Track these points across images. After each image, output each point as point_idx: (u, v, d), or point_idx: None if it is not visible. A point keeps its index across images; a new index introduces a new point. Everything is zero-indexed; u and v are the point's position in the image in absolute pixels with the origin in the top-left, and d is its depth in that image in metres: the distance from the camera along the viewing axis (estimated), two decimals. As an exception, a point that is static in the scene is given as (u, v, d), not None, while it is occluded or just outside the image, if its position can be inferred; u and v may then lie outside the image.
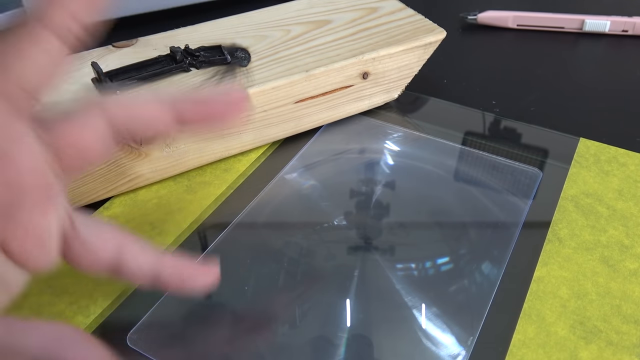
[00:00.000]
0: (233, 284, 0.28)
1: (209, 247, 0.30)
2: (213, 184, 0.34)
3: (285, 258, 0.30)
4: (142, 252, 0.24)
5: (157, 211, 0.32)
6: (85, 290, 0.28)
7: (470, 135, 0.38)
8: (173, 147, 0.32)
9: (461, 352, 0.25)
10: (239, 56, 0.35)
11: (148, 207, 0.32)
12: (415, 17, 0.39)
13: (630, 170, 0.34)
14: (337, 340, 0.26)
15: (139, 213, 0.32)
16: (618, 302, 0.27)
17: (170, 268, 0.24)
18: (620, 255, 0.29)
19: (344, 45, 0.36)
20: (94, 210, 0.32)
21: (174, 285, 0.25)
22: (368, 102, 0.38)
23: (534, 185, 0.34)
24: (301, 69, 0.34)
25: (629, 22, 0.49)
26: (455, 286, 0.28)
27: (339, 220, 0.32)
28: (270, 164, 0.36)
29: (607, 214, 0.32)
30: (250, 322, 0.27)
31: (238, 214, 0.32)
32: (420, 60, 0.38)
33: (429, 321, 0.27)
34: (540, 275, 0.28)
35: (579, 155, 0.35)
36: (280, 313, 0.27)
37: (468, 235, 0.31)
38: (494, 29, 0.51)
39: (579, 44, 0.49)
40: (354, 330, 0.26)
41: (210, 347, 0.26)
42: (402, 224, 0.32)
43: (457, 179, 0.35)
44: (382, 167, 0.35)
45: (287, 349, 0.26)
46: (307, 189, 0.34)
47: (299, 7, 0.41)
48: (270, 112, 0.34)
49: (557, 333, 0.26)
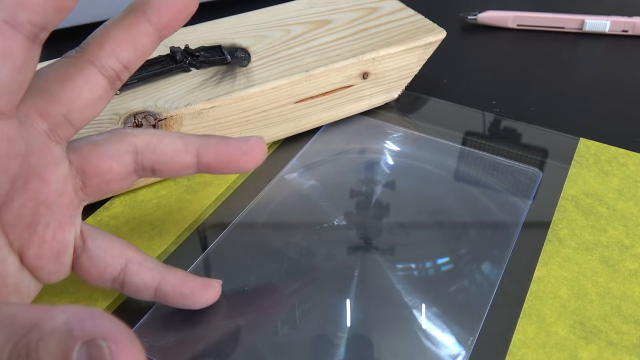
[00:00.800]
0: (233, 284, 0.28)
1: (209, 247, 0.30)
2: (213, 184, 0.34)
3: (285, 258, 0.30)
4: (147, 269, 0.25)
5: (157, 211, 0.32)
6: (85, 290, 0.28)
7: (470, 135, 0.38)
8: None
9: (461, 352, 0.25)
10: (239, 56, 0.35)
11: (148, 207, 0.32)
12: (415, 17, 0.39)
13: (630, 170, 0.34)
14: (337, 340, 0.26)
15: (139, 213, 0.32)
16: (618, 302, 0.27)
17: (173, 285, 0.25)
18: (620, 255, 0.29)
19: (344, 45, 0.36)
20: (94, 211, 0.32)
21: (175, 301, 0.26)
22: (368, 102, 0.38)
23: (534, 185, 0.34)
24: (301, 69, 0.34)
25: (629, 22, 0.49)
26: (455, 286, 0.28)
27: (339, 220, 0.32)
28: (270, 164, 0.36)
29: (607, 214, 0.32)
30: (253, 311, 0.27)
31: (238, 214, 0.32)
32: (420, 60, 0.38)
33: (429, 321, 0.27)
34: (540, 275, 0.28)
35: (579, 155, 0.35)
36: (280, 313, 0.27)
37: (468, 235, 0.31)
38: (494, 29, 0.51)
39: (579, 44, 0.49)
40: (354, 330, 0.26)
41: (210, 347, 0.26)
42: (402, 224, 0.32)
43: (457, 179, 0.35)
44: (382, 167, 0.35)
45: (287, 349, 0.26)
46: (307, 189, 0.34)
47: (299, 7, 0.41)
48: (270, 112, 0.34)
49: (557, 333, 0.26)
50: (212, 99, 0.32)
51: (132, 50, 0.22)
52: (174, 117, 0.31)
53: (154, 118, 0.31)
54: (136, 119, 0.30)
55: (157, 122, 0.31)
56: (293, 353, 0.25)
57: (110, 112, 0.31)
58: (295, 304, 0.27)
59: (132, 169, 0.24)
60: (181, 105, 0.31)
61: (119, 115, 0.30)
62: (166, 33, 0.23)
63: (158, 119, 0.31)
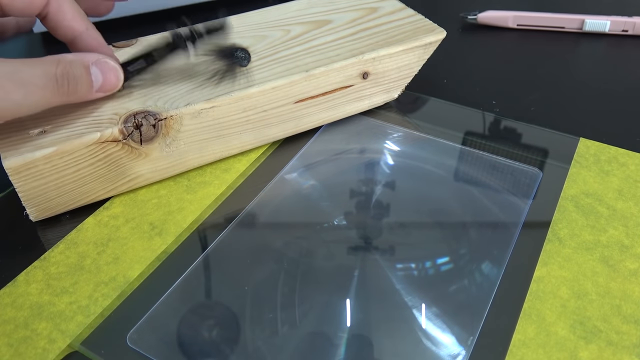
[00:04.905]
0: (233, 284, 0.28)
1: (209, 247, 0.30)
2: (213, 184, 0.34)
3: (285, 258, 0.30)
4: (74, 15, 0.31)
5: (157, 211, 0.32)
6: (85, 290, 0.28)
7: (470, 135, 0.38)
8: (173, 147, 0.32)
9: (461, 352, 0.25)
10: (239, 56, 0.35)
11: (148, 207, 0.32)
12: (415, 17, 0.39)
13: (630, 170, 0.34)
14: (337, 340, 0.26)
15: (139, 213, 0.32)
16: (618, 302, 0.27)
17: (89, 43, 0.31)
18: (620, 255, 0.29)
19: (344, 45, 0.36)
20: (94, 210, 0.32)
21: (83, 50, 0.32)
22: (368, 102, 0.38)
23: (534, 185, 0.34)
24: (301, 69, 0.34)
25: (629, 22, 0.49)
26: (455, 286, 0.28)
27: (339, 220, 0.32)
28: (270, 164, 0.36)
29: (607, 214, 0.32)
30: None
31: (238, 214, 0.32)
32: (420, 60, 0.38)
33: (429, 321, 0.27)
34: (540, 275, 0.28)
35: (579, 155, 0.35)
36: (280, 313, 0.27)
37: (468, 235, 0.31)
38: (494, 29, 0.51)
39: (579, 44, 0.49)
40: (354, 330, 0.26)
41: (210, 347, 0.26)
42: (402, 224, 0.32)
43: (457, 179, 0.35)
44: (382, 167, 0.35)
45: (287, 349, 0.26)
46: (307, 189, 0.34)
47: (299, 7, 0.41)
48: (270, 112, 0.34)
49: (557, 333, 0.26)
50: (212, 99, 0.32)
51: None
52: (174, 117, 0.31)
53: (154, 118, 0.31)
54: (136, 119, 0.30)
55: (157, 122, 0.31)
56: (293, 353, 0.25)
57: (111, 112, 0.31)
58: (295, 303, 0.27)
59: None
60: (181, 105, 0.31)
61: (119, 115, 0.30)
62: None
63: (158, 118, 0.31)
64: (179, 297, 0.28)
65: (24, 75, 0.27)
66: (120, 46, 0.36)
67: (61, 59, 0.28)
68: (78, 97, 0.30)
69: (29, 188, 0.29)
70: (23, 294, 0.28)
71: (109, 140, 0.30)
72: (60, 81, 0.28)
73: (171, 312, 0.27)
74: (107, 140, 0.30)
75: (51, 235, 0.31)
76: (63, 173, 0.30)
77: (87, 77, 0.30)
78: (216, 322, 0.27)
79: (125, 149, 0.31)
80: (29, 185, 0.29)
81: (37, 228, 0.32)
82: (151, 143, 0.31)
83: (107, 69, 0.31)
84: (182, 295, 0.28)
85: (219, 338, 0.26)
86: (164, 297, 0.28)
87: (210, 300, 0.28)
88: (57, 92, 0.28)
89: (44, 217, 0.31)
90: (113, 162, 0.31)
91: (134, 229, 0.31)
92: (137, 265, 0.29)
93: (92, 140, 0.29)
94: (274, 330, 0.26)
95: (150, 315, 0.27)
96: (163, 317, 0.27)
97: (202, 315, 0.27)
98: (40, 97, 0.27)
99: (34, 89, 0.27)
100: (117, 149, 0.30)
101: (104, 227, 0.31)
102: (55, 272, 0.29)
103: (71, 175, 0.30)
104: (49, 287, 0.28)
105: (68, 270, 0.29)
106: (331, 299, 0.28)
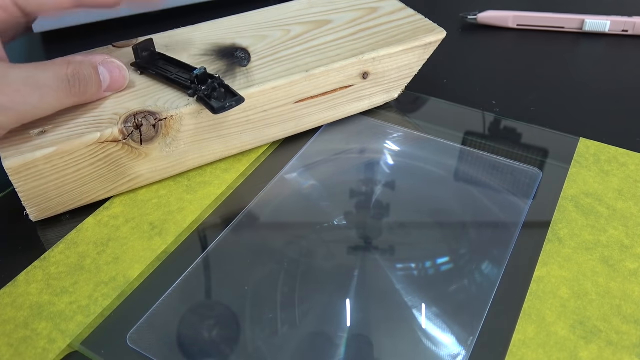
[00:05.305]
0: (233, 284, 0.28)
1: (209, 247, 0.30)
2: (213, 184, 0.34)
3: (285, 258, 0.30)
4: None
5: (157, 211, 0.32)
6: (86, 290, 0.28)
7: (470, 135, 0.38)
8: (173, 147, 0.32)
9: (461, 352, 0.25)
10: (239, 56, 0.35)
11: (148, 207, 0.32)
12: (415, 17, 0.39)
13: (630, 170, 0.34)
14: (337, 340, 0.26)
15: (139, 213, 0.32)
16: (618, 302, 0.27)
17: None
18: (620, 255, 0.29)
19: (344, 45, 0.36)
20: (94, 210, 0.32)
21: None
22: (368, 102, 0.38)
23: (534, 185, 0.34)
24: (301, 69, 0.34)
25: (629, 22, 0.49)
26: (455, 286, 0.28)
27: (339, 220, 0.32)
28: (270, 164, 0.36)
29: (607, 214, 0.32)
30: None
31: (238, 214, 0.32)
32: (420, 60, 0.38)
33: (429, 321, 0.27)
34: (540, 275, 0.28)
35: (579, 155, 0.35)
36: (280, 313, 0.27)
37: (468, 235, 0.31)
38: (494, 29, 0.51)
39: (579, 44, 0.49)
40: (354, 330, 0.26)
41: (210, 347, 0.26)
42: (402, 224, 0.32)
43: (457, 179, 0.35)
44: (382, 167, 0.35)
45: (287, 349, 0.26)
46: (307, 189, 0.34)
47: (299, 7, 0.41)
48: (270, 112, 0.34)
49: (557, 333, 0.26)
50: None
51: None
52: (174, 117, 0.31)
53: (154, 118, 0.31)
54: (136, 119, 0.30)
55: (157, 122, 0.31)
56: (293, 353, 0.25)
57: (111, 112, 0.31)
58: (295, 303, 0.27)
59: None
60: (181, 105, 0.31)
61: (119, 115, 0.30)
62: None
63: (158, 118, 0.31)
64: (179, 297, 0.28)
65: (38, 78, 0.27)
66: (120, 46, 0.36)
67: (71, 60, 0.29)
68: (88, 97, 0.31)
69: (29, 188, 0.29)
70: (23, 294, 0.28)
71: (109, 140, 0.30)
72: (72, 82, 0.29)
73: (171, 312, 0.27)
74: (107, 140, 0.30)
75: (51, 235, 0.31)
76: (63, 173, 0.30)
77: (96, 76, 0.31)
78: (216, 322, 0.27)
79: (126, 149, 0.31)
80: (29, 185, 0.29)
81: (37, 228, 0.32)
82: (151, 143, 0.31)
83: (114, 68, 0.31)
84: (182, 295, 0.28)
85: (219, 338, 0.26)
86: (164, 297, 0.28)
87: (210, 300, 0.28)
88: (69, 92, 0.29)
89: (44, 217, 0.31)
90: (113, 162, 0.31)
91: (134, 229, 0.31)
92: (137, 265, 0.29)
93: (92, 140, 0.29)
94: (274, 330, 0.26)
95: (150, 315, 0.27)
96: (163, 317, 0.27)
97: (202, 315, 0.27)
98: (54, 98, 0.28)
99: (49, 91, 0.28)
100: (117, 149, 0.30)
101: (104, 227, 0.31)
102: (56, 272, 0.29)
103: (71, 175, 0.30)
104: (49, 287, 0.28)
105: (68, 270, 0.29)
106: (331, 299, 0.28)
